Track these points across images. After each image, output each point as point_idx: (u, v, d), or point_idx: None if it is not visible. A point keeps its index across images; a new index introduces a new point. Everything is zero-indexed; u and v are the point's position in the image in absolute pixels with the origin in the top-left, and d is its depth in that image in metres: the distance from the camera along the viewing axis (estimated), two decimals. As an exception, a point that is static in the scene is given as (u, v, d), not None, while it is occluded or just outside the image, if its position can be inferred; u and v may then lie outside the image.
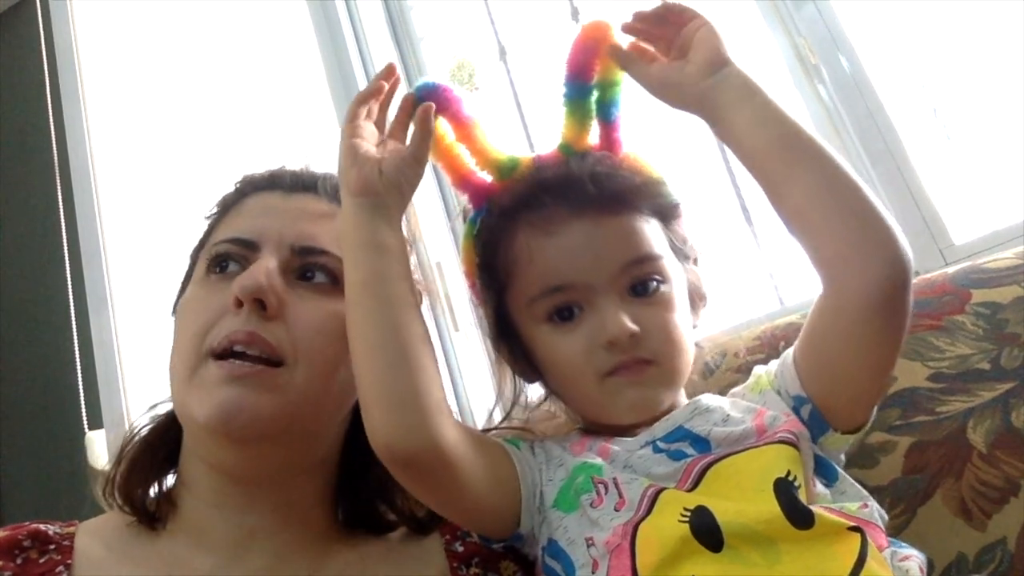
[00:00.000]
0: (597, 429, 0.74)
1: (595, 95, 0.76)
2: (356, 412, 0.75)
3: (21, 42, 2.18)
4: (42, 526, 0.73)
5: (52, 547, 0.71)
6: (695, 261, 0.81)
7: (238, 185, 0.82)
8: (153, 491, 0.76)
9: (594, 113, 0.77)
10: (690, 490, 0.64)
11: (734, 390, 0.76)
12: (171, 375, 0.72)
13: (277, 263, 0.72)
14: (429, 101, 0.75)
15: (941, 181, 1.26)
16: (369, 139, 0.72)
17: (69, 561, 0.70)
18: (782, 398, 0.70)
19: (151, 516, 0.74)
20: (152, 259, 1.91)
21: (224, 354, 0.68)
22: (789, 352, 0.71)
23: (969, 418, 0.80)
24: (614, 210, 0.72)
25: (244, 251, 0.73)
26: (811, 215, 0.63)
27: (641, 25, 0.74)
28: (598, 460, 0.69)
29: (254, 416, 0.67)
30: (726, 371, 0.94)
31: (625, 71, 0.75)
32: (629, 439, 0.70)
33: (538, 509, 0.69)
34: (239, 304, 0.69)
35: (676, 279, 0.74)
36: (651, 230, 0.74)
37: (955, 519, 0.77)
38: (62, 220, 1.98)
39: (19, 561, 0.69)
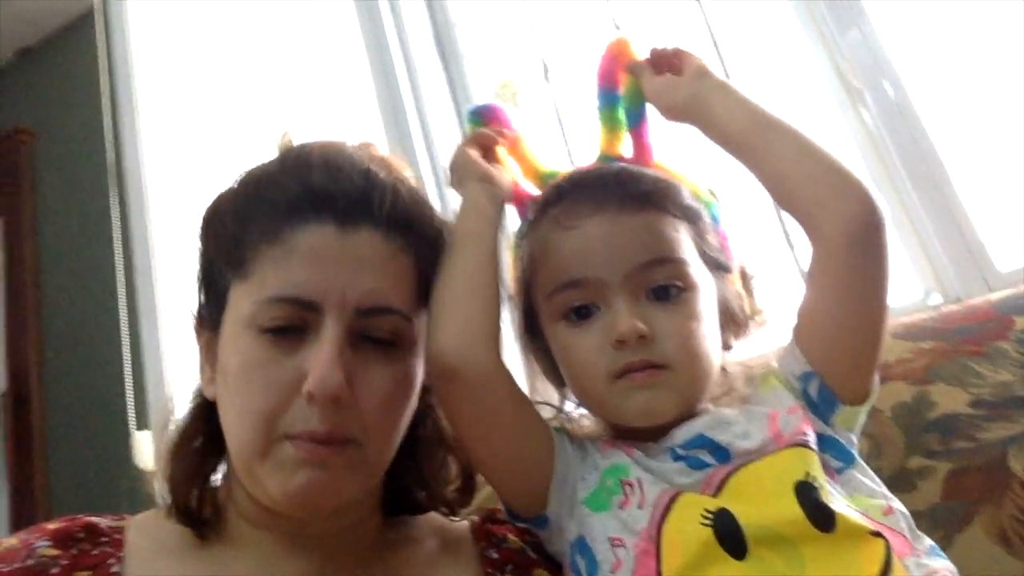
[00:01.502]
0: (621, 435, 0.74)
1: (623, 104, 0.79)
2: None
3: (81, 54, 2.25)
4: (95, 519, 0.74)
5: (104, 539, 0.73)
6: (746, 281, 0.81)
7: (276, 201, 0.72)
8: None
9: (624, 122, 0.80)
10: (712, 496, 0.65)
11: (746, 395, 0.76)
12: (235, 441, 0.70)
13: (343, 331, 0.68)
14: (487, 120, 0.82)
15: (984, 208, 1.26)
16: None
17: (120, 554, 0.72)
18: (790, 389, 0.70)
19: (201, 524, 0.74)
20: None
21: (296, 435, 0.66)
22: (790, 334, 0.72)
23: (1010, 446, 0.80)
24: (635, 208, 0.72)
25: (303, 313, 0.68)
26: (790, 174, 0.69)
27: (655, 57, 0.79)
28: (626, 460, 0.69)
29: (334, 497, 0.68)
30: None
31: (635, 78, 0.79)
32: (651, 445, 0.70)
33: (569, 500, 0.70)
34: (311, 397, 0.66)
35: (703, 288, 0.72)
36: (676, 233, 0.73)
37: (995, 547, 0.77)
38: (116, 227, 2.03)
39: (73, 551, 0.71)
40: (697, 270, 0.72)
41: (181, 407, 0.80)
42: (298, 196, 0.71)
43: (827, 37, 1.39)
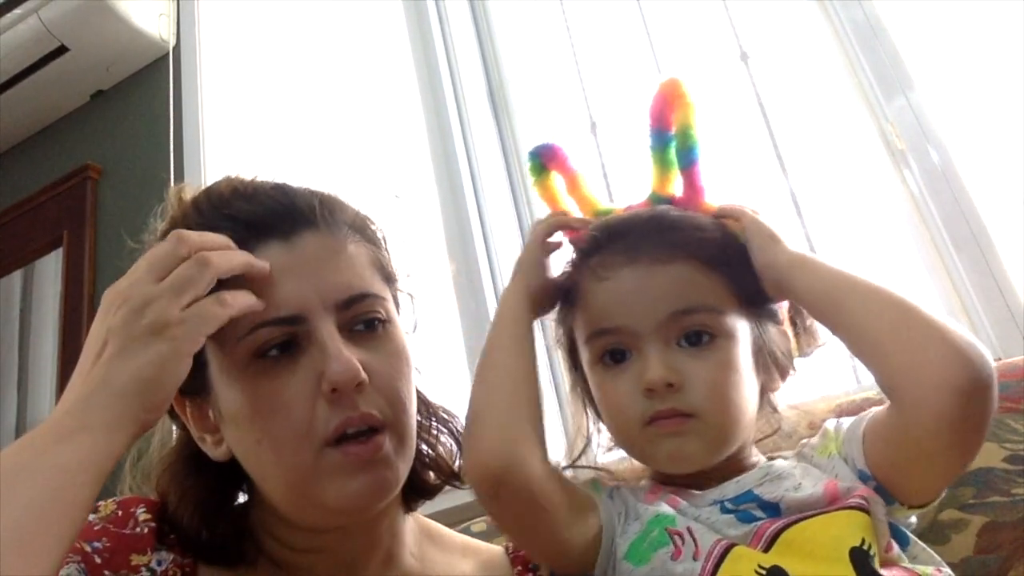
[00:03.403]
0: (666, 480, 0.75)
1: (675, 145, 0.80)
2: None
3: (151, 97, 2.36)
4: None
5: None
6: (795, 330, 0.80)
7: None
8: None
9: (675, 163, 0.80)
10: (763, 552, 0.64)
11: (804, 443, 0.76)
12: (275, 481, 0.70)
13: (335, 328, 0.69)
14: (545, 159, 0.84)
15: (1024, 269, 1.26)
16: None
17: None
18: (848, 466, 0.69)
19: (227, 558, 0.73)
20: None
21: (337, 439, 0.67)
22: (860, 423, 0.70)
23: (1045, 501, 0.79)
24: (667, 258, 0.73)
25: (292, 328, 0.68)
26: (874, 340, 0.65)
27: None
28: (670, 511, 0.69)
29: (395, 486, 0.70)
30: (799, 442, 0.95)
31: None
32: (697, 494, 0.70)
33: (611, 558, 0.69)
34: (335, 391, 0.67)
35: (737, 335, 0.72)
36: (707, 281, 0.73)
37: (1027, 602, 0.76)
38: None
39: (164, 526, 0.73)
40: (730, 317, 0.73)
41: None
42: (230, 228, 0.70)
43: (872, 101, 1.42)
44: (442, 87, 1.94)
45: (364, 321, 0.71)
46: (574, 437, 0.83)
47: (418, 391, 0.80)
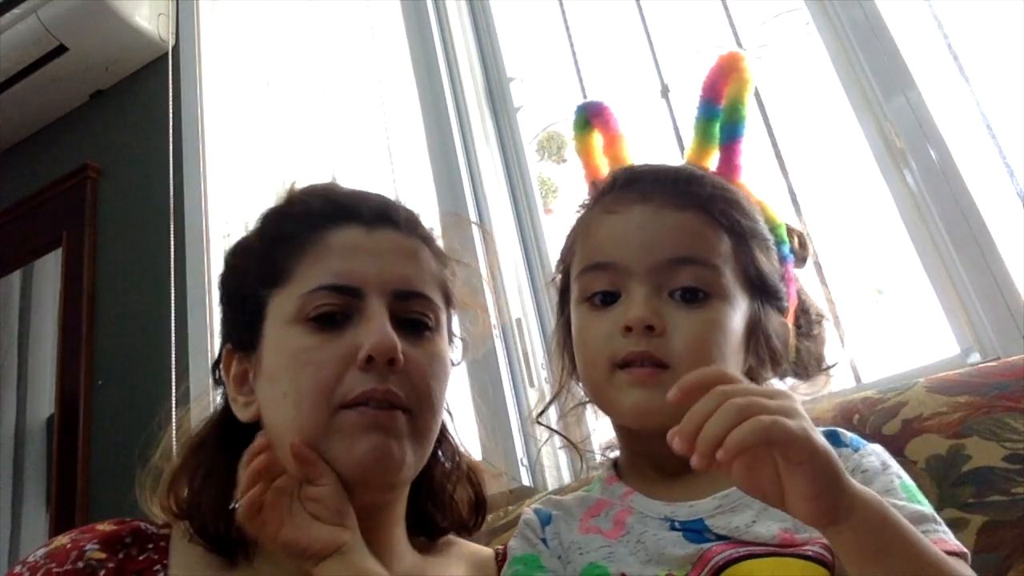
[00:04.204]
0: (627, 471, 0.73)
1: (721, 119, 0.79)
2: None
3: (150, 96, 2.36)
4: (143, 525, 0.77)
5: (150, 546, 0.75)
6: (808, 323, 0.79)
7: (303, 215, 0.78)
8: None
9: (718, 137, 0.79)
10: None
11: None
12: (289, 427, 0.71)
13: (386, 310, 0.72)
14: (592, 114, 0.84)
15: (1025, 268, 1.25)
16: None
17: (165, 561, 0.74)
18: None
19: (231, 547, 0.74)
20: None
21: (356, 404, 0.70)
22: None
23: (1045, 500, 0.79)
24: (679, 205, 0.71)
25: (347, 300, 0.72)
26: None
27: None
28: (603, 562, 0.66)
29: (400, 463, 0.71)
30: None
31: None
32: (650, 502, 0.69)
33: None
34: (369, 361, 0.70)
35: (733, 302, 0.70)
36: (715, 240, 0.70)
37: (1027, 601, 0.76)
38: (171, 263, 2.10)
39: (120, 555, 0.73)
40: (729, 283, 0.70)
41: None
42: (325, 208, 0.77)
43: (871, 99, 1.41)
44: (441, 86, 1.93)
45: (414, 320, 0.75)
46: (551, 385, 0.82)
47: (452, 436, 0.84)
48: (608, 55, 1.88)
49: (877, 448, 0.70)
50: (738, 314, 0.71)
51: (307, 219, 0.77)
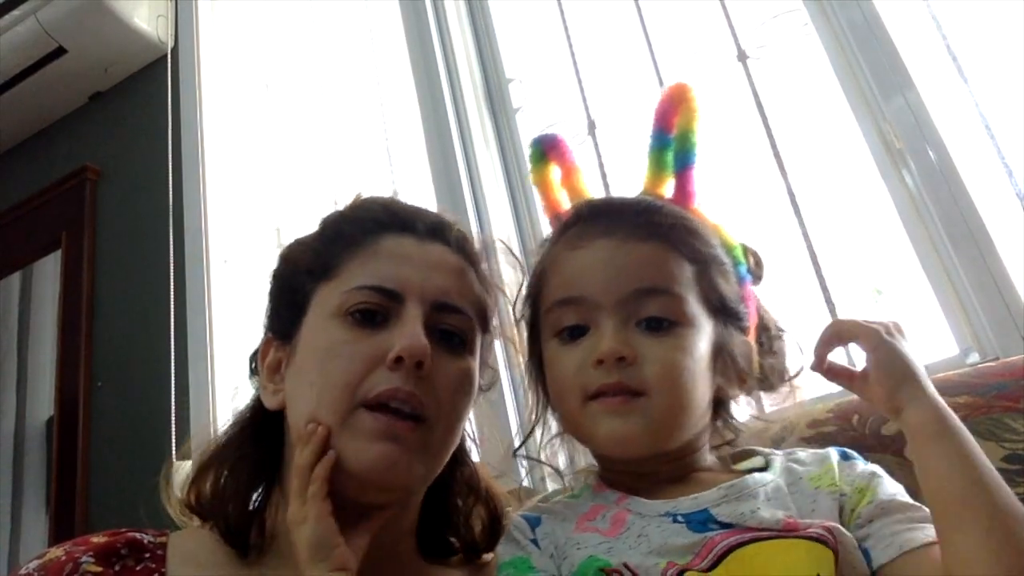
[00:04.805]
0: (614, 477, 0.74)
1: (673, 148, 0.81)
2: None
3: (149, 99, 2.36)
4: (138, 535, 0.76)
5: (147, 555, 0.74)
6: (769, 339, 0.81)
7: (361, 220, 0.82)
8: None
9: (671, 165, 0.81)
10: (707, 569, 0.62)
11: (793, 453, 0.75)
12: (308, 415, 0.73)
13: (423, 318, 0.74)
14: (547, 148, 0.86)
15: (1024, 266, 1.26)
16: None
17: (163, 570, 0.73)
18: (832, 503, 0.67)
19: (245, 543, 0.75)
20: (254, 309, 2.02)
21: (376, 406, 0.71)
22: (896, 536, 0.65)
23: (1044, 500, 0.79)
24: (642, 237, 0.73)
25: (387, 302, 0.74)
26: (974, 569, 0.58)
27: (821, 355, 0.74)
28: (601, 550, 0.67)
29: (406, 474, 0.72)
30: (798, 440, 0.95)
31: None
32: (648, 503, 0.69)
33: None
34: (397, 362, 0.71)
35: (698, 328, 0.72)
36: (678, 269, 0.73)
37: (1028, 602, 0.76)
38: (170, 265, 2.11)
39: (117, 568, 0.72)
40: (694, 309, 0.72)
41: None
42: (382, 215, 0.81)
43: (871, 103, 1.42)
44: (440, 87, 1.93)
45: (448, 332, 0.76)
46: (526, 419, 0.83)
47: (472, 462, 0.86)
48: (607, 56, 1.89)
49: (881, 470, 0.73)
50: (704, 338, 0.73)
51: (363, 223, 0.80)
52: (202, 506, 0.77)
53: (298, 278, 0.80)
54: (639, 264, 0.73)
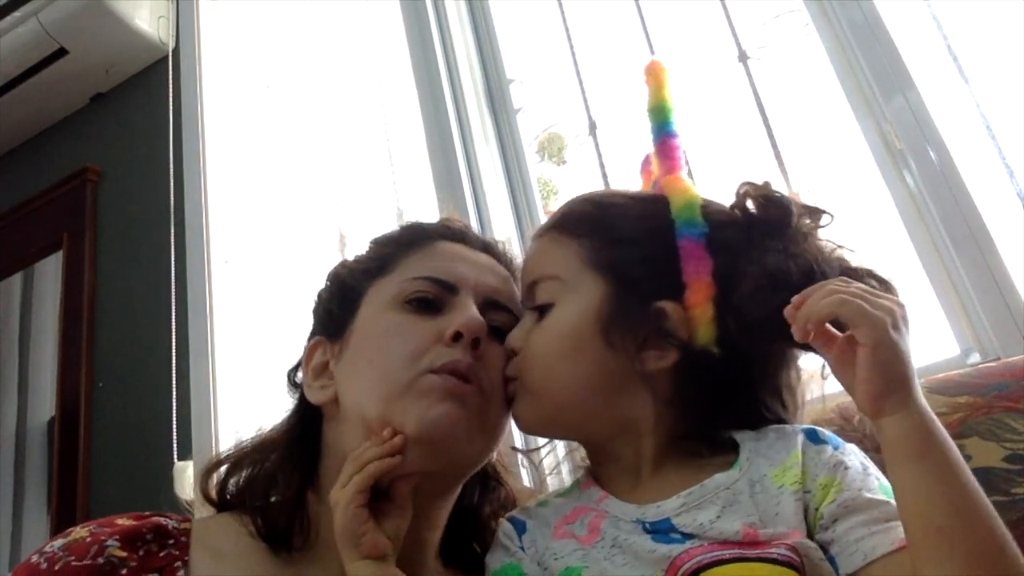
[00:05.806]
0: (601, 475, 0.75)
1: (650, 121, 0.82)
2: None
3: (150, 100, 2.36)
4: (163, 519, 0.76)
5: (171, 542, 0.74)
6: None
7: (418, 229, 0.89)
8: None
9: (653, 140, 0.81)
10: None
11: (770, 436, 0.71)
12: (370, 392, 0.75)
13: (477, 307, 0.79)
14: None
15: (1025, 267, 1.25)
16: None
17: (186, 558, 0.73)
18: (796, 504, 0.65)
19: (286, 539, 0.75)
20: (255, 309, 2.02)
21: (440, 371, 0.74)
22: (836, 540, 0.64)
23: (1044, 500, 0.79)
24: (540, 234, 0.82)
25: (443, 292, 0.79)
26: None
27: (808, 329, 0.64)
28: (577, 560, 0.67)
29: (466, 440, 0.75)
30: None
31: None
32: (623, 506, 0.70)
33: None
34: (455, 338, 0.75)
35: (580, 295, 0.74)
36: (559, 250, 0.78)
37: (1029, 603, 0.75)
38: (171, 265, 2.11)
39: (141, 553, 0.72)
40: (572, 281, 0.75)
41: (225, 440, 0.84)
42: (439, 227, 0.88)
43: (870, 100, 1.42)
44: (441, 87, 1.94)
45: (497, 329, 0.80)
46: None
47: (507, 483, 0.90)
48: (608, 56, 1.89)
49: (855, 448, 0.70)
50: (585, 304, 0.74)
51: (422, 230, 0.88)
52: (231, 498, 0.80)
53: (354, 278, 0.85)
54: (530, 260, 0.81)
